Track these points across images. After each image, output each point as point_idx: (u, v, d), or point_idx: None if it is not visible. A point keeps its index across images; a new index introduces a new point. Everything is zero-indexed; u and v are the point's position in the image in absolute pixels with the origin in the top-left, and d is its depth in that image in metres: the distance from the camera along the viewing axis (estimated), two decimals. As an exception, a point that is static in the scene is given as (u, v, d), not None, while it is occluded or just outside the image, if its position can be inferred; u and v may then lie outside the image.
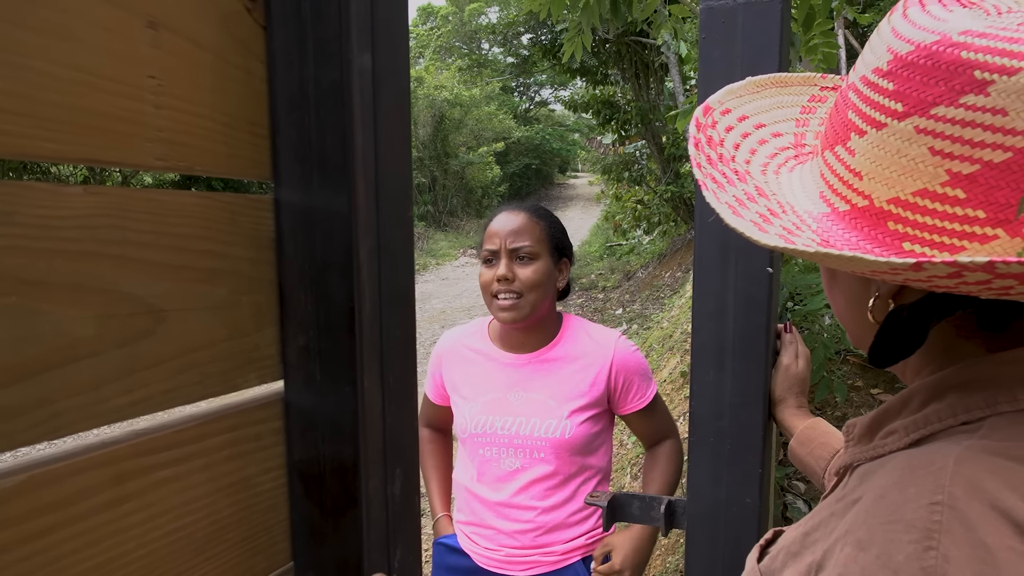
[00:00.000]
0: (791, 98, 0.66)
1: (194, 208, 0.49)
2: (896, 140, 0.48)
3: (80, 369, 0.43)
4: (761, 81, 0.66)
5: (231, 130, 0.52)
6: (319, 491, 0.57)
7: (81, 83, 0.42)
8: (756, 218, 0.52)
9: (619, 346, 1.53)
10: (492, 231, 1.51)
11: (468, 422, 1.53)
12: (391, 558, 0.60)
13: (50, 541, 0.41)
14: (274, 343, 0.56)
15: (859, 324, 0.60)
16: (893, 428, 0.55)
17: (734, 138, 0.61)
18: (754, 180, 0.58)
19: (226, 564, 0.53)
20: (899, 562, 0.43)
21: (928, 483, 0.45)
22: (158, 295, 0.47)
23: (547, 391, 1.50)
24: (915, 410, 0.54)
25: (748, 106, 0.64)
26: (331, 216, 0.54)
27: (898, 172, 0.48)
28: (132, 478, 0.46)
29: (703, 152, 0.58)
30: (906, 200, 0.48)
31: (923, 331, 0.53)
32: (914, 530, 0.43)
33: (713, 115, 0.61)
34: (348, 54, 0.52)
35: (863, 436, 0.58)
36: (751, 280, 1.16)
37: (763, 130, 0.63)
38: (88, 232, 0.43)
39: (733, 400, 1.18)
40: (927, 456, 0.48)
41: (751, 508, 1.19)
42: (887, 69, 0.48)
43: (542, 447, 1.47)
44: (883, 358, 0.55)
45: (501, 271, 1.47)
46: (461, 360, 1.59)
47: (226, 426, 0.52)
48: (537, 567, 1.49)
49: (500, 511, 1.50)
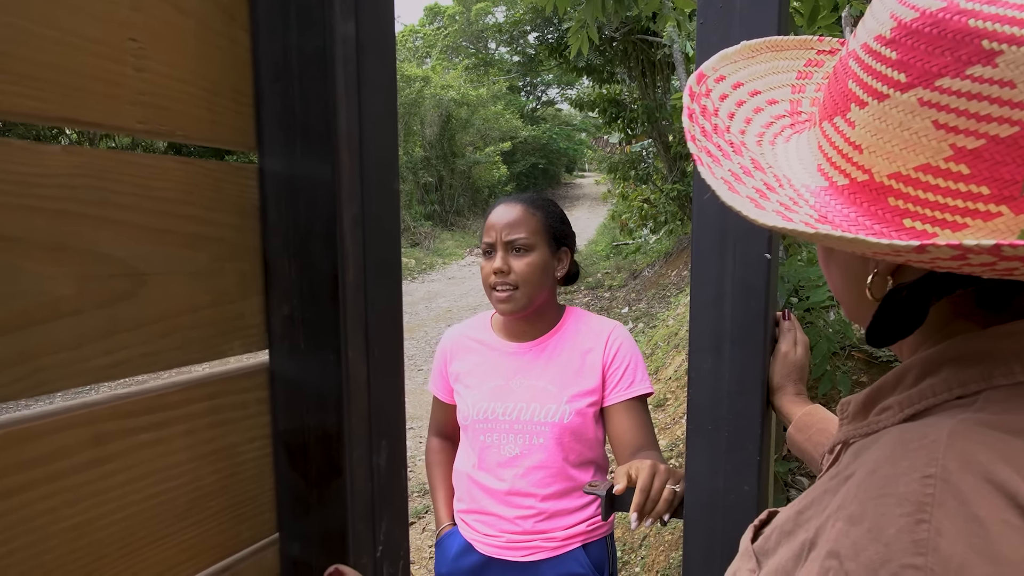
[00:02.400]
0: (787, 63, 0.64)
1: (176, 173, 0.49)
2: (898, 112, 0.46)
3: (61, 327, 0.43)
4: (756, 45, 0.63)
5: (214, 96, 0.52)
6: (304, 461, 0.57)
7: (60, 42, 0.42)
8: (752, 193, 0.51)
9: (615, 332, 1.55)
10: (489, 223, 1.54)
11: (471, 409, 1.54)
12: (376, 530, 0.60)
13: (26, 498, 0.42)
14: (259, 312, 0.56)
15: (856, 300, 0.59)
16: (888, 404, 0.54)
17: (728, 107, 0.59)
18: (749, 152, 0.56)
19: (209, 531, 0.53)
20: (891, 535, 0.42)
21: (921, 456, 0.45)
22: (139, 258, 0.47)
23: (547, 377, 1.52)
24: (909, 385, 0.53)
25: (743, 72, 0.62)
26: (314, 184, 0.54)
27: (900, 146, 0.46)
28: (112, 440, 0.46)
29: (697, 124, 0.56)
30: (907, 175, 0.46)
31: (923, 310, 0.52)
32: (906, 503, 0.43)
33: (707, 83, 0.59)
34: (331, 21, 0.52)
35: (857, 413, 0.57)
36: (749, 267, 1.15)
37: (758, 97, 0.61)
38: (67, 191, 0.43)
39: (731, 388, 1.18)
40: (920, 430, 0.47)
41: (749, 496, 1.18)
42: (890, 37, 0.46)
43: (541, 432, 1.48)
44: (882, 337, 0.54)
45: (497, 264, 1.49)
46: (465, 351, 1.62)
47: (209, 393, 0.53)
48: (538, 552, 1.50)
49: (501, 497, 1.51)
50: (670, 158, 9.54)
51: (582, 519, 1.52)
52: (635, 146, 10.59)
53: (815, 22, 2.63)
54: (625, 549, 3.38)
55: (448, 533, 1.61)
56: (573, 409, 1.48)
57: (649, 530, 3.41)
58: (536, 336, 1.56)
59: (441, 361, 1.66)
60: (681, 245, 9.75)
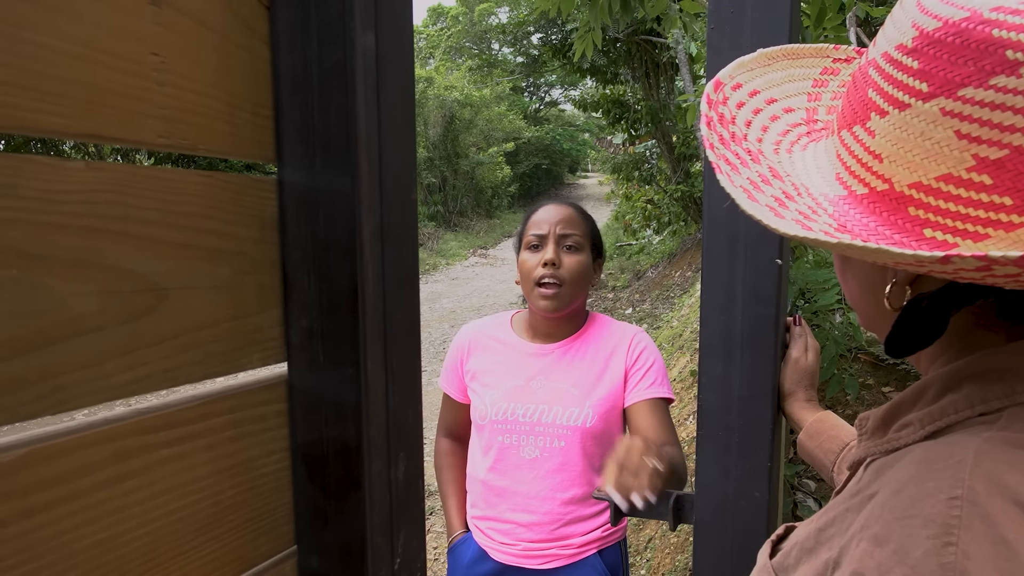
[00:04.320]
0: (803, 71, 0.64)
1: (197, 187, 0.49)
2: (920, 122, 0.45)
3: (83, 344, 0.43)
4: (772, 53, 0.63)
5: (234, 110, 0.52)
6: (322, 474, 0.57)
7: (82, 57, 0.42)
8: (772, 202, 0.50)
9: (638, 336, 1.55)
10: (540, 218, 1.53)
11: (488, 408, 1.51)
12: (395, 542, 0.59)
13: (50, 516, 0.41)
14: (277, 324, 0.56)
15: (873, 310, 0.58)
16: (908, 420, 0.53)
17: (745, 115, 0.59)
18: (767, 160, 0.56)
19: (228, 546, 0.53)
20: (917, 558, 0.42)
21: (947, 477, 0.44)
22: (160, 273, 0.47)
23: (570, 379, 1.50)
24: (930, 401, 0.52)
25: (759, 80, 0.62)
26: (334, 197, 0.53)
27: (921, 156, 0.46)
28: (134, 456, 0.46)
29: (715, 131, 0.55)
30: (928, 185, 0.45)
31: (943, 321, 0.51)
32: (933, 525, 0.42)
33: (724, 90, 0.59)
34: (351, 34, 0.52)
35: (876, 429, 0.57)
36: (760, 272, 1.15)
37: (774, 105, 0.61)
38: (90, 207, 0.43)
39: (741, 393, 1.17)
40: (945, 449, 0.47)
41: (760, 502, 1.18)
42: (912, 46, 0.46)
43: (563, 435, 1.46)
44: (901, 348, 0.53)
45: (549, 255, 1.48)
46: (483, 349, 1.59)
47: (229, 407, 0.52)
48: (555, 560, 1.48)
49: (518, 502, 1.49)
50: (674, 159, 9.53)
51: (598, 525, 1.50)
52: (639, 147, 10.58)
53: (821, 23, 2.63)
54: (631, 552, 3.38)
55: (461, 540, 1.58)
56: (596, 413, 1.46)
57: (655, 532, 3.40)
58: (561, 338, 1.55)
59: (456, 358, 1.62)
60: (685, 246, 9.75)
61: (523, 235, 1.55)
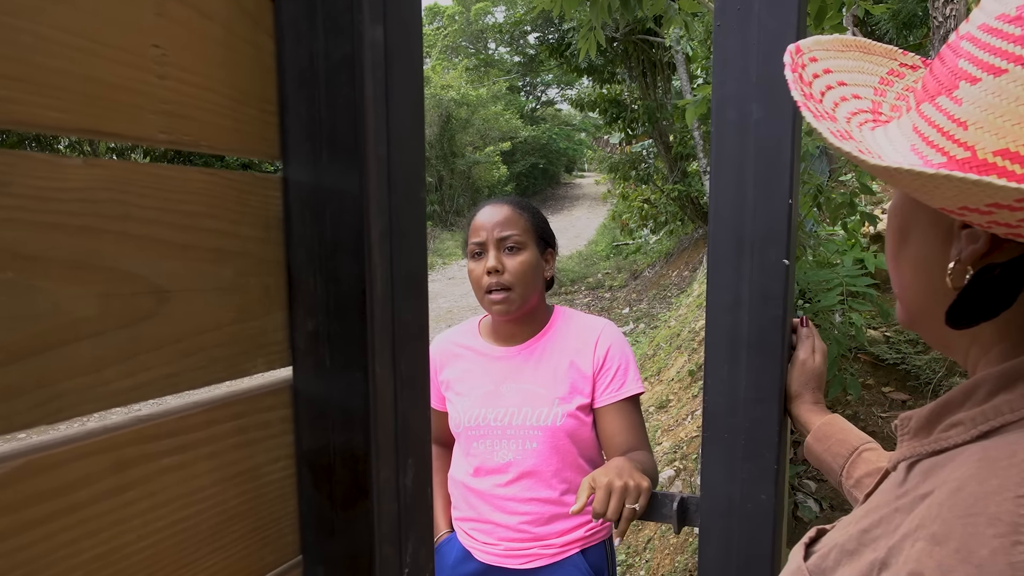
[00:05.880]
0: (871, 66, 0.64)
1: (200, 185, 0.47)
2: (1016, 87, 0.44)
3: (81, 350, 0.41)
4: (847, 41, 0.63)
5: (239, 105, 0.50)
6: (329, 481, 0.55)
7: (81, 49, 0.40)
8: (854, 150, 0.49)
9: (605, 331, 1.53)
10: (478, 224, 1.51)
11: (462, 416, 1.53)
12: (403, 552, 0.58)
13: (48, 530, 0.39)
14: (282, 328, 0.54)
15: (927, 293, 0.57)
16: (957, 420, 0.52)
17: (820, 85, 0.59)
18: (839, 125, 0.55)
19: (233, 556, 0.51)
20: (983, 556, 0.41)
21: (1012, 475, 0.43)
22: (162, 275, 0.45)
23: (537, 380, 1.50)
24: (981, 400, 0.51)
25: (833, 61, 0.62)
26: (341, 196, 0.51)
27: (1012, 121, 0.44)
28: (135, 465, 0.44)
29: (798, 84, 0.55)
30: (1016, 151, 0.44)
31: (1013, 292, 0.50)
32: (999, 523, 0.42)
33: (803, 58, 0.59)
34: (359, 26, 0.50)
35: (920, 429, 0.56)
36: (767, 273, 1.13)
37: (844, 88, 0.61)
38: (88, 206, 0.41)
39: (748, 395, 1.16)
40: (1007, 447, 0.46)
41: (766, 505, 1.17)
42: (1016, 14, 0.45)
43: (534, 436, 1.47)
44: (965, 318, 0.52)
45: (491, 262, 1.47)
46: (453, 358, 1.60)
47: (233, 413, 0.50)
48: (536, 559, 1.48)
49: (497, 504, 1.50)
50: (671, 158, 9.52)
51: (579, 524, 1.50)
52: (636, 146, 10.57)
53: (822, 22, 2.61)
54: (629, 552, 3.36)
55: (446, 540, 1.60)
56: (565, 411, 1.46)
57: (654, 533, 3.39)
58: (526, 339, 1.55)
59: (431, 369, 1.63)
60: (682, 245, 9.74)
61: (467, 242, 1.54)
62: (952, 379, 2.83)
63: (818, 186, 2.52)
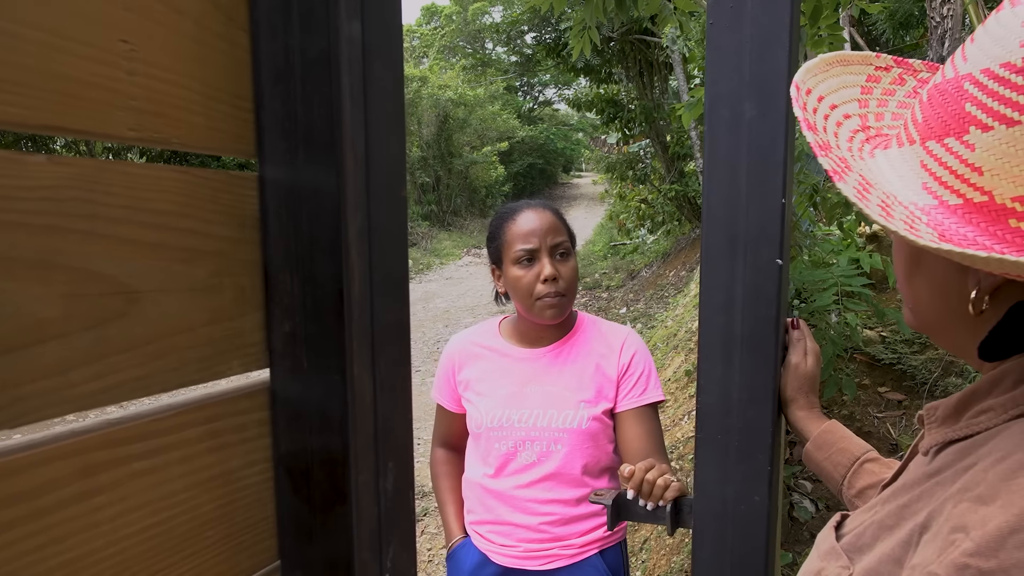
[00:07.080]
0: (852, 77, 0.66)
1: (171, 183, 0.46)
2: None
3: (46, 352, 0.40)
4: (828, 59, 0.66)
5: (211, 102, 0.49)
6: (307, 485, 0.54)
7: (46, 44, 0.39)
8: (878, 212, 0.52)
9: (630, 338, 1.54)
10: (526, 230, 1.47)
11: (484, 416, 1.51)
12: (383, 556, 0.57)
13: (12, 537, 0.38)
14: (258, 328, 0.53)
15: (944, 314, 0.60)
16: (986, 407, 0.56)
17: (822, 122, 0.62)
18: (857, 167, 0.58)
19: (207, 563, 0.50)
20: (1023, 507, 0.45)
21: None
22: (131, 275, 0.44)
23: (562, 383, 1.49)
24: (1009, 388, 0.55)
25: (821, 85, 0.64)
26: (318, 194, 0.50)
27: None
28: (103, 470, 0.43)
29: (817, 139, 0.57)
30: None
31: None
32: None
33: (801, 94, 0.62)
34: (336, 21, 0.49)
35: (948, 417, 0.60)
36: (760, 272, 1.12)
37: (836, 111, 0.63)
38: (53, 204, 0.40)
39: (741, 396, 1.15)
40: None
41: (760, 506, 1.16)
42: (1021, 65, 0.47)
43: (559, 438, 1.46)
44: (997, 351, 0.57)
45: (549, 271, 1.44)
46: (475, 358, 1.58)
47: (207, 416, 0.49)
48: (556, 560, 1.48)
49: (518, 504, 1.48)
50: (668, 158, 9.52)
51: (598, 525, 1.50)
52: (633, 146, 10.57)
53: (817, 21, 2.61)
54: (626, 553, 3.35)
55: (460, 545, 1.57)
56: (590, 415, 1.46)
57: (650, 534, 3.38)
58: (552, 342, 1.54)
59: (448, 369, 1.61)
60: (679, 246, 9.74)
61: (505, 247, 1.50)
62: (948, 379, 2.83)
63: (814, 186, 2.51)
